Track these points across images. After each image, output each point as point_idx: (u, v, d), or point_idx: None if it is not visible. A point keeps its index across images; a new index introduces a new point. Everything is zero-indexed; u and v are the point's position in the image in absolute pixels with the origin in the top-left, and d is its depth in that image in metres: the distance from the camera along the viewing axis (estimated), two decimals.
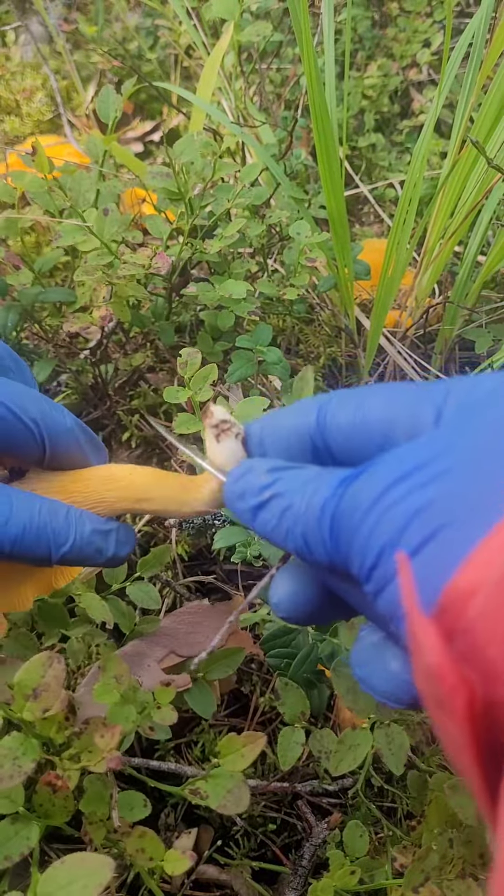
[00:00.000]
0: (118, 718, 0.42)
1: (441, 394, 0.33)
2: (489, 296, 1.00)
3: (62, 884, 0.29)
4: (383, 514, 0.28)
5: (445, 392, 0.33)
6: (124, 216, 0.73)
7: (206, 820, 0.65)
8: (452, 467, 0.28)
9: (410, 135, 1.35)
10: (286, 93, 1.30)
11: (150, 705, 0.46)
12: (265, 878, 0.62)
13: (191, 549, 0.81)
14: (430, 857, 0.42)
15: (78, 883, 0.29)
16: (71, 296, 0.74)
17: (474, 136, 0.77)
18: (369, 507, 0.29)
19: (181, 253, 0.71)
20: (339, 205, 0.78)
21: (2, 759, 0.35)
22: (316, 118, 0.72)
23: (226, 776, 0.39)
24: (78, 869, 0.29)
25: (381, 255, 0.81)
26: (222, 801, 0.39)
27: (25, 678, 0.35)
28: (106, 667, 0.46)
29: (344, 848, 0.51)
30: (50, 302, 0.76)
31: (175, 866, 0.39)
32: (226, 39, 0.95)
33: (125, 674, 0.46)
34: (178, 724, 0.70)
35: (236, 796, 0.39)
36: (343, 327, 0.95)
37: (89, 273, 0.63)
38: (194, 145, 0.68)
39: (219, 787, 0.39)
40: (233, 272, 0.77)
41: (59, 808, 0.38)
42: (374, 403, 0.34)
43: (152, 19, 1.44)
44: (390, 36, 1.41)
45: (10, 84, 1.41)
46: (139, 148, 1.39)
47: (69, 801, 0.38)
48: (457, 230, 0.84)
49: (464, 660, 0.24)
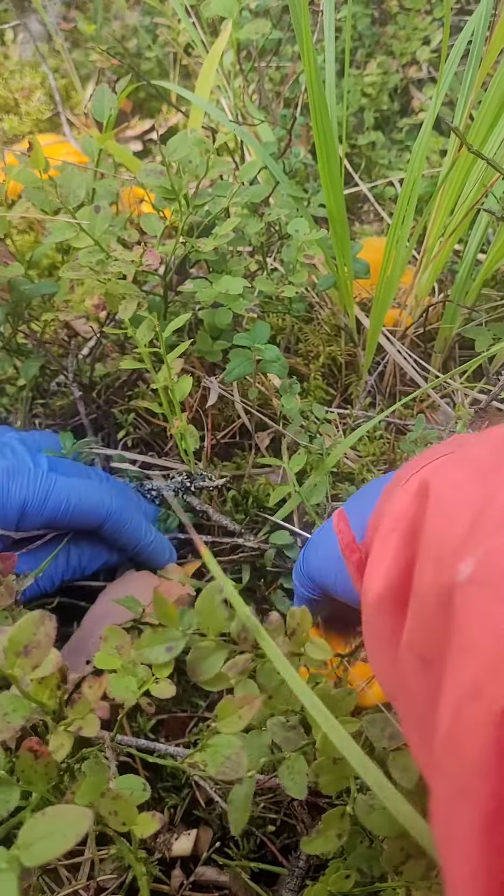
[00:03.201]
0: (119, 689, 0.43)
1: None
2: (489, 294, 0.99)
3: (42, 834, 0.30)
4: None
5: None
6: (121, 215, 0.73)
7: (206, 821, 0.65)
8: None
9: (410, 133, 1.35)
10: (285, 91, 1.30)
11: (148, 679, 0.46)
12: (265, 880, 0.61)
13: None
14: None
15: (58, 833, 0.29)
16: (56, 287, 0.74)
17: (474, 134, 0.77)
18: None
19: (175, 250, 0.70)
20: (339, 203, 0.77)
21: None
22: (315, 116, 0.72)
23: (223, 742, 0.40)
24: (58, 820, 0.30)
25: (381, 254, 0.80)
26: (221, 767, 0.39)
27: (17, 635, 0.36)
28: (108, 637, 0.47)
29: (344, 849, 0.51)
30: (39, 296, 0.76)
31: (144, 829, 0.40)
32: (224, 37, 0.95)
33: (126, 645, 0.47)
34: (177, 724, 0.70)
35: (234, 762, 0.39)
36: (342, 326, 0.94)
37: (76, 269, 0.63)
38: (187, 143, 0.67)
39: (216, 755, 0.39)
40: (231, 270, 0.77)
41: (41, 774, 0.38)
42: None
43: (151, 17, 1.44)
44: (390, 33, 1.41)
45: (8, 83, 1.41)
46: (138, 146, 1.39)
47: (51, 769, 0.39)
48: (457, 228, 0.84)
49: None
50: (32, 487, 0.64)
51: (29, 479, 0.65)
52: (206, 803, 0.65)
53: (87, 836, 0.58)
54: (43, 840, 0.29)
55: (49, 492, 0.65)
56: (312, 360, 0.97)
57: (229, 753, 0.38)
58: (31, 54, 1.49)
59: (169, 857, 0.62)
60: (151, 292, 0.78)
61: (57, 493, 0.65)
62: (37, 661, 0.36)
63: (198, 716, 0.70)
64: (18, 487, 0.64)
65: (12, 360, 0.83)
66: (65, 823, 0.29)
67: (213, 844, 0.63)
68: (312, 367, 0.95)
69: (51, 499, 0.65)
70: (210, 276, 0.75)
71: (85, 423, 0.85)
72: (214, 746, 0.39)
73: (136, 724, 0.68)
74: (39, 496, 0.64)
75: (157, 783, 0.66)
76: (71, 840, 0.28)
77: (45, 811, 0.29)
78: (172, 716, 0.70)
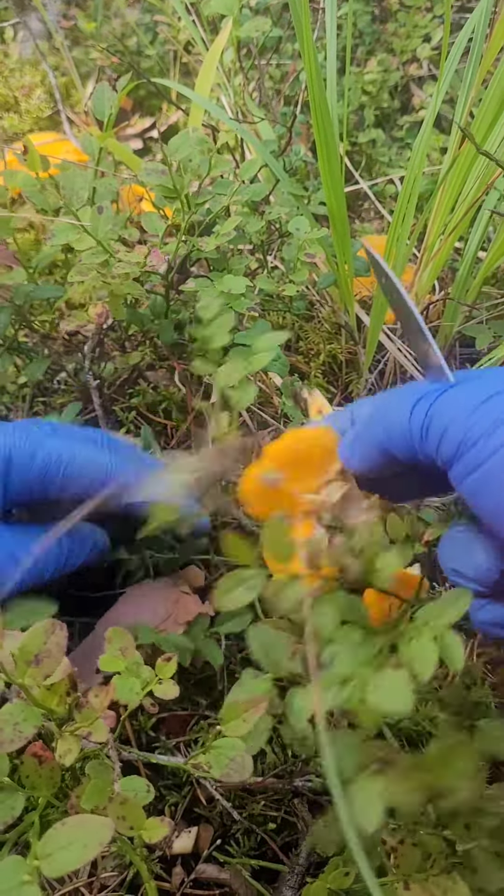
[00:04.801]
0: (122, 690, 0.43)
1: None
2: (490, 292, 0.99)
3: (63, 844, 0.30)
4: (484, 414, 0.38)
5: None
6: (122, 214, 0.73)
7: (207, 819, 0.65)
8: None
9: (411, 130, 1.35)
10: (286, 89, 1.29)
11: (151, 680, 0.46)
12: (266, 877, 0.62)
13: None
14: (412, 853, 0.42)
15: (78, 842, 0.29)
16: (60, 291, 0.74)
17: (475, 131, 0.77)
18: (473, 408, 0.39)
19: (178, 250, 0.70)
20: (339, 201, 0.77)
21: (2, 724, 0.36)
22: (316, 114, 0.72)
23: (228, 745, 0.39)
24: (78, 830, 0.30)
25: (381, 252, 0.80)
26: (225, 770, 0.39)
27: (28, 644, 0.36)
28: (112, 639, 0.46)
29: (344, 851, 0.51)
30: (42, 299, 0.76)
31: (153, 834, 0.39)
32: (225, 35, 0.95)
33: (130, 647, 0.47)
34: (178, 722, 0.70)
35: (239, 764, 0.39)
36: (343, 324, 0.94)
37: (83, 273, 0.62)
38: (189, 142, 0.67)
39: (221, 757, 0.39)
40: (232, 268, 0.77)
41: (45, 779, 0.38)
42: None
43: (151, 15, 1.44)
44: (390, 31, 1.41)
45: (8, 81, 1.40)
46: (139, 145, 1.39)
47: (55, 773, 0.39)
48: (457, 226, 0.84)
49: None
50: (19, 440, 0.58)
51: (15, 431, 0.59)
52: (207, 801, 0.65)
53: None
54: (63, 850, 0.29)
55: (38, 445, 0.59)
56: (313, 358, 0.97)
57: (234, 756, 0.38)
58: (31, 52, 1.49)
59: (170, 854, 0.62)
60: (153, 291, 0.78)
61: (46, 449, 0.59)
62: (48, 671, 0.36)
63: (199, 714, 0.70)
64: (3, 439, 0.58)
65: (13, 359, 0.83)
66: (85, 833, 0.29)
67: (214, 842, 0.63)
68: (313, 366, 0.95)
69: (39, 454, 0.58)
70: (211, 274, 0.75)
71: (99, 414, 0.84)
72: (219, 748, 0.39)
73: (136, 722, 0.68)
74: (27, 450, 0.58)
75: (157, 781, 0.66)
76: (92, 850, 0.28)
77: (65, 821, 0.29)
78: (173, 714, 0.70)
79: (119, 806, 0.38)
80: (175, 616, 0.66)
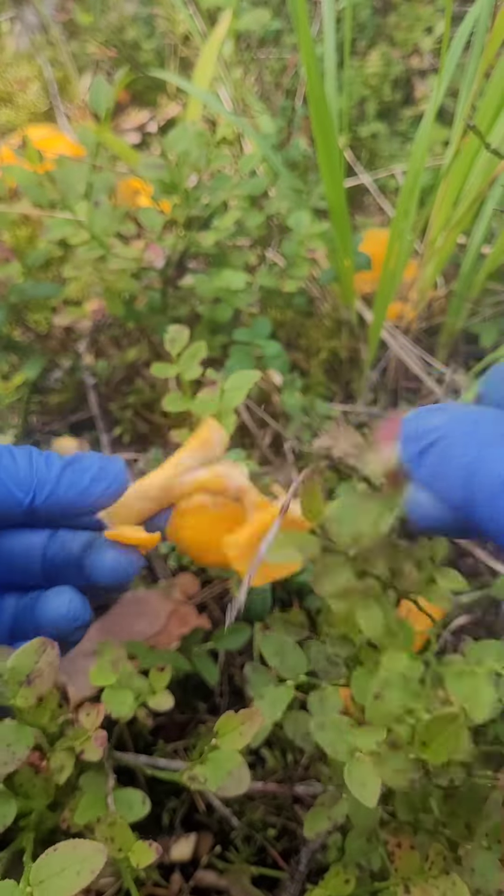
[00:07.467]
0: (113, 703, 0.42)
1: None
2: (494, 288, 0.98)
3: (56, 870, 0.29)
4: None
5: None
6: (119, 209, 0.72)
7: (206, 825, 0.64)
8: None
9: (413, 123, 1.33)
10: (285, 81, 1.28)
11: (145, 691, 0.45)
12: (265, 884, 0.61)
13: None
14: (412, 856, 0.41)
15: (71, 869, 0.29)
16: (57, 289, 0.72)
17: (477, 124, 0.75)
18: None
19: (176, 245, 0.69)
20: (339, 195, 0.76)
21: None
22: (314, 107, 0.70)
23: (225, 757, 0.38)
24: (71, 855, 0.29)
25: (383, 246, 0.79)
26: (222, 783, 0.38)
27: (19, 664, 0.35)
28: (102, 651, 0.45)
29: (345, 852, 0.50)
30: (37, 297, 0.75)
31: (140, 858, 0.38)
32: (223, 27, 0.93)
33: (122, 659, 0.45)
34: (175, 727, 0.69)
35: (237, 777, 0.38)
36: (344, 320, 0.93)
37: (79, 268, 0.61)
38: (188, 135, 0.66)
39: (218, 769, 0.38)
40: (231, 264, 0.75)
41: (40, 789, 0.37)
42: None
43: (149, 8, 1.42)
44: (392, 23, 1.39)
45: (4, 74, 1.39)
46: (136, 138, 1.37)
47: (50, 784, 0.38)
48: (460, 220, 0.82)
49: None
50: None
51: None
52: (206, 807, 0.64)
53: None
54: (56, 877, 0.28)
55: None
56: (314, 355, 0.95)
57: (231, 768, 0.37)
58: (26, 45, 1.47)
59: (168, 861, 0.61)
60: (149, 287, 0.77)
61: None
62: (40, 692, 0.35)
63: (196, 719, 0.69)
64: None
65: (7, 357, 0.82)
66: (78, 859, 0.28)
67: (213, 848, 0.62)
68: (314, 363, 0.94)
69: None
70: (210, 270, 0.74)
71: (96, 413, 0.83)
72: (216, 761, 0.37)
73: (133, 727, 0.67)
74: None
75: (156, 786, 0.65)
76: (85, 878, 0.27)
77: (57, 846, 0.28)
78: (171, 719, 0.69)
79: (108, 827, 0.37)
80: (170, 628, 0.64)
